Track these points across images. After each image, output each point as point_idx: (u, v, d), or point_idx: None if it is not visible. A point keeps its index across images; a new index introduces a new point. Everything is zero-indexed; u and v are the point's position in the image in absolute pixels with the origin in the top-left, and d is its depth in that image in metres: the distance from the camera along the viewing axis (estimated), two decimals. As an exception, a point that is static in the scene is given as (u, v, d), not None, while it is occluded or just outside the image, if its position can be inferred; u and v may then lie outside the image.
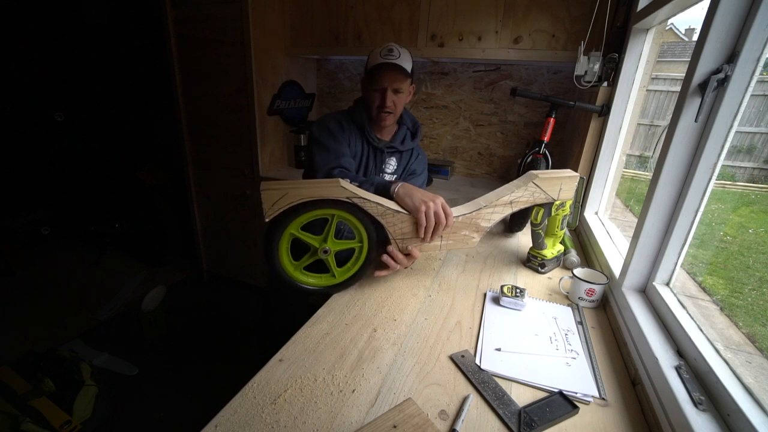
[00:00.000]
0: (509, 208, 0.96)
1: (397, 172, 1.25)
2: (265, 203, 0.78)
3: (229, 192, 2.24)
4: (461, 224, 0.94)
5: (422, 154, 1.31)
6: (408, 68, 1.08)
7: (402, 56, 1.07)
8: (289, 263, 0.90)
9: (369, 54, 1.12)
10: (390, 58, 1.05)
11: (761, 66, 0.64)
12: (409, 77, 1.09)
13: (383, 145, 1.18)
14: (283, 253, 0.88)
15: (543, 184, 0.95)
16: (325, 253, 0.89)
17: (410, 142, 1.23)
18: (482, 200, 0.96)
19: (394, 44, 1.09)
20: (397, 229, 0.90)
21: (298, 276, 0.91)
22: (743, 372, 0.57)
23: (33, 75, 2.68)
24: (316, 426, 0.57)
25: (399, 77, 1.07)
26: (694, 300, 1.09)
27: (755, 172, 2.08)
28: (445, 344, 0.77)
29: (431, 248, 0.95)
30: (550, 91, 1.93)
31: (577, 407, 0.62)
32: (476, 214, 0.93)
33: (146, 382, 1.78)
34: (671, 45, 5.04)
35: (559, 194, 0.99)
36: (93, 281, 2.54)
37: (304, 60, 2.23)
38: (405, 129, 1.24)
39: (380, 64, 1.05)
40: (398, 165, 1.24)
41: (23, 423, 1.32)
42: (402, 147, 1.21)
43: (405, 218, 0.89)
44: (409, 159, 1.26)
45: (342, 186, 0.81)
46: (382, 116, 1.12)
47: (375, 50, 1.10)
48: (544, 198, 0.98)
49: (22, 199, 2.88)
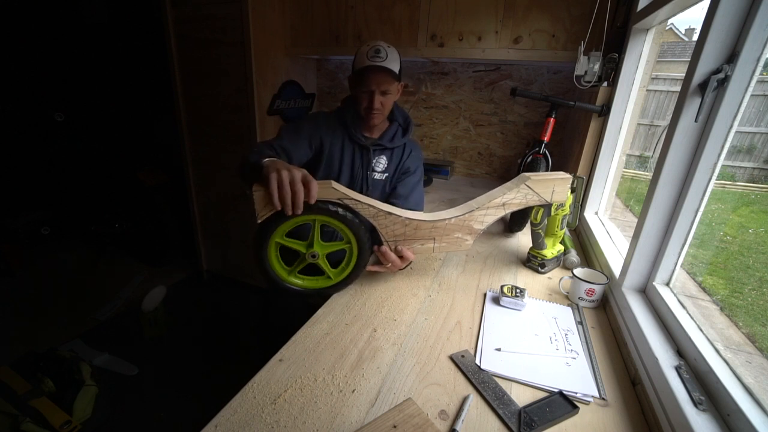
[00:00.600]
0: (502, 210, 0.95)
1: (389, 171, 1.23)
2: (257, 204, 0.78)
3: (229, 192, 2.24)
4: (454, 226, 0.93)
5: (416, 149, 1.27)
6: (396, 69, 1.06)
7: (389, 57, 1.04)
8: (281, 269, 0.91)
9: (356, 52, 1.09)
10: (377, 61, 1.03)
11: (761, 66, 0.64)
12: (397, 78, 1.08)
13: (370, 143, 1.17)
14: (273, 260, 0.89)
15: (535, 186, 0.94)
16: (313, 258, 0.89)
17: (401, 138, 1.20)
18: (474, 202, 0.95)
19: (381, 44, 1.06)
20: (389, 231, 0.90)
21: (293, 280, 0.92)
22: (743, 372, 0.57)
23: (33, 75, 2.68)
24: (316, 426, 0.57)
25: (387, 79, 1.05)
26: (694, 300, 1.09)
27: (755, 172, 2.09)
28: (445, 344, 0.77)
29: (424, 251, 0.94)
30: (550, 91, 1.93)
31: (577, 407, 0.62)
32: (469, 216, 0.93)
33: (146, 382, 1.78)
34: (671, 45, 5.04)
35: (552, 196, 0.97)
36: (93, 281, 2.54)
37: (304, 60, 2.23)
38: (396, 125, 1.21)
39: (368, 66, 1.03)
40: (389, 163, 1.22)
41: (23, 423, 1.32)
42: (390, 144, 1.19)
43: (397, 220, 0.88)
44: (401, 156, 1.23)
45: (333, 188, 0.81)
46: (371, 116, 1.11)
47: (362, 48, 1.07)
48: (537, 200, 0.97)
49: (22, 199, 2.87)
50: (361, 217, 0.86)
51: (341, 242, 0.90)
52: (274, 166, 0.77)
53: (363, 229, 0.87)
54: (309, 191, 0.75)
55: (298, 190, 0.74)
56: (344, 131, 1.16)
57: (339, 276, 0.93)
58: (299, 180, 0.74)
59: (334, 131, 1.15)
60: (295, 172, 0.75)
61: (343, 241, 0.90)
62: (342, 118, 1.16)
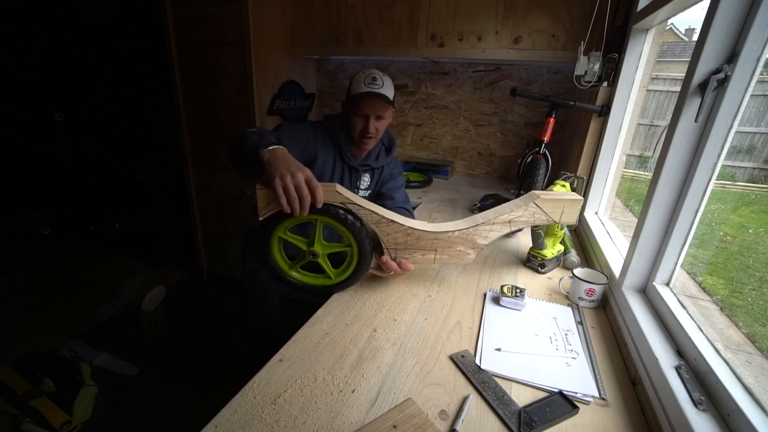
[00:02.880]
0: (507, 227, 0.93)
1: (371, 188, 1.29)
2: (260, 202, 0.79)
3: (229, 192, 2.24)
4: (457, 239, 0.91)
5: (397, 170, 1.33)
6: (390, 96, 1.12)
7: (385, 85, 1.11)
8: (283, 262, 0.93)
9: (351, 79, 1.14)
10: (374, 87, 1.08)
11: (761, 66, 0.64)
12: (391, 104, 1.13)
13: (358, 164, 1.21)
14: (276, 253, 0.90)
15: (544, 205, 0.93)
16: (312, 256, 0.89)
17: (384, 158, 1.27)
18: (480, 217, 0.94)
19: (376, 71, 1.11)
20: (391, 239, 0.89)
21: (293, 274, 0.94)
22: (743, 372, 0.57)
23: (33, 75, 2.68)
24: (316, 426, 0.57)
25: (382, 105, 1.11)
26: (694, 300, 1.09)
27: (755, 172, 2.09)
28: (445, 344, 0.78)
29: (425, 262, 0.94)
30: (550, 91, 1.93)
31: (577, 407, 0.62)
32: (473, 231, 0.91)
33: (146, 382, 1.78)
34: (671, 45, 5.05)
35: (561, 217, 0.95)
36: (93, 281, 2.54)
37: (304, 60, 2.23)
38: (380, 145, 1.26)
39: (365, 93, 1.08)
40: (371, 180, 1.28)
41: (23, 423, 1.32)
42: (375, 164, 1.25)
43: (399, 228, 0.88)
44: (381, 174, 1.29)
45: (337, 191, 0.81)
46: (365, 141, 1.15)
47: (358, 75, 1.12)
48: (545, 220, 0.94)
49: (22, 199, 2.87)
50: (363, 222, 0.86)
51: (342, 244, 0.90)
52: (277, 166, 0.76)
53: (365, 234, 0.87)
54: (315, 196, 0.76)
55: (305, 195, 0.74)
56: (336, 150, 1.19)
57: (339, 276, 0.93)
58: (305, 185, 0.75)
59: (327, 148, 1.18)
60: (300, 175, 0.75)
61: (344, 244, 0.90)
62: (335, 138, 1.18)
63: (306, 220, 0.84)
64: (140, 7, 2.60)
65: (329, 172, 1.19)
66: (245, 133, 0.88)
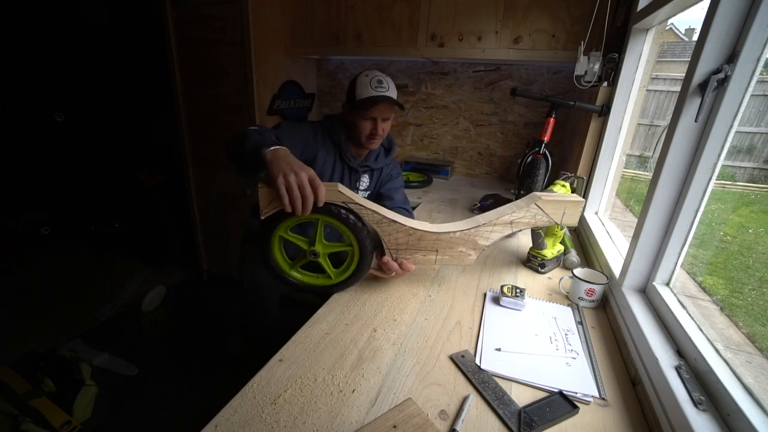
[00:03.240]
0: (509, 228, 0.93)
1: (370, 188, 1.30)
2: (262, 201, 0.79)
3: (229, 192, 2.24)
4: (458, 240, 0.91)
5: (396, 170, 1.34)
6: (395, 97, 1.13)
7: (390, 87, 1.12)
8: (284, 262, 0.92)
9: (355, 82, 1.13)
10: (381, 90, 1.09)
11: (761, 66, 0.64)
12: (398, 105, 1.15)
13: (357, 165, 1.22)
14: (276, 252, 0.90)
15: (546, 207, 0.93)
16: (313, 256, 0.89)
17: (383, 159, 1.28)
18: (482, 218, 0.94)
19: (380, 74, 1.12)
20: (392, 239, 0.89)
21: (293, 273, 0.93)
22: (743, 372, 0.57)
23: (33, 75, 2.68)
24: (316, 426, 0.57)
25: (391, 108, 1.12)
26: (694, 300, 1.09)
27: (755, 172, 2.09)
28: (445, 344, 0.78)
29: (426, 263, 0.94)
30: (550, 91, 1.93)
31: (577, 407, 0.62)
32: (475, 231, 0.91)
33: (146, 382, 1.78)
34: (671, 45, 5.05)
35: (563, 219, 0.95)
36: (93, 281, 2.54)
37: (304, 60, 2.23)
38: (380, 146, 1.27)
39: (376, 97, 1.08)
40: (371, 181, 1.29)
41: (23, 423, 1.32)
42: (375, 165, 1.26)
43: (401, 229, 0.88)
44: (381, 175, 1.30)
45: (340, 191, 0.81)
46: (373, 142, 1.16)
47: (362, 79, 1.11)
48: (547, 221, 0.94)
49: (22, 199, 2.87)
50: (365, 222, 0.86)
51: (343, 244, 0.90)
52: (279, 165, 0.76)
53: (366, 234, 0.87)
54: (317, 195, 0.76)
55: (308, 195, 0.74)
56: (336, 151, 1.19)
57: (339, 276, 0.93)
58: (307, 184, 0.75)
59: (327, 148, 1.18)
60: (303, 174, 0.75)
61: (345, 243, 0.90)
62: (335, 139, 1.19)
63: (307, 220, 0.84)
64: (140, 7, 2.61)
65: (329, 172, 1.19)
66: (246, 131, 0.88)
